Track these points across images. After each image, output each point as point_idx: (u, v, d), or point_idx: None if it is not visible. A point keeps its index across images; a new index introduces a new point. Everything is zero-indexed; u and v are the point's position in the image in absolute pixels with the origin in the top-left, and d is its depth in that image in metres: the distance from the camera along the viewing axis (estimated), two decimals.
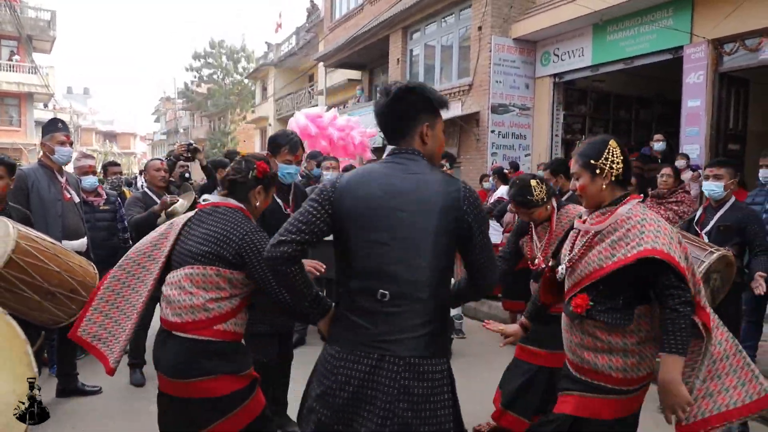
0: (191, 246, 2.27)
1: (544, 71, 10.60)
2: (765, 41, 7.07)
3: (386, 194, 1.74)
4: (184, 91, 38.76)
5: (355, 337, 1.73)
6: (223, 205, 2.34)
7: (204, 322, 2.18)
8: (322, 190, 1.80)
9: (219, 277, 2.21)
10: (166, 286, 2.30)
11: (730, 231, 3.69)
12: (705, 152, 7.73)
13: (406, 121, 1.85)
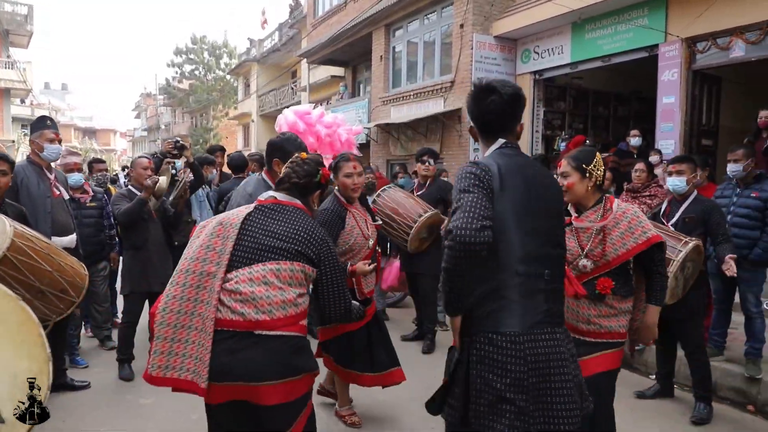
0: (269, 241, 2.15)
1: (525, 68, 10.77)
2: (735, 40, 7.30)
3: (529, 183, 1.94)
4: (165, 87, 38.39)
5: (532, 318, 1.84)
6: (290, 204, 2.29)
7: (294, 318, 2.12)
8: (480, 178, 1.84)
9: (302, 274, 2.16)
10: (241, 283, 2.08)
11: (695, 222, 3.86)
12: (679, 147, 7.96)
13: (515, 119, 2.07)
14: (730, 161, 4.37)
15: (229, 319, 2.05)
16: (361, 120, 14.17)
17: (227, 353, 2.03)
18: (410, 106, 12.49)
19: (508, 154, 1.98)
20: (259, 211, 2.25)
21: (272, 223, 2.21)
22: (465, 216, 1.72)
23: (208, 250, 2.16)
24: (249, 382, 2.02)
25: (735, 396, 4.23)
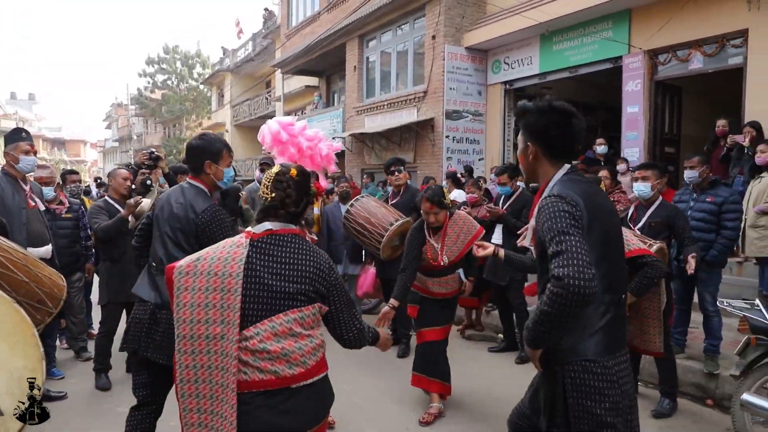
0: (283, 286, 1.91)
1: (496, 79, 11.04)
2: (694, 52, 7.65)
3: (602, 211, 1.91)
4: (137, 97, 37.97)
5: (614, 342, 1.89)
6: (287, 232, 2.02)
7: (323, 359, 2.01)
8: (575, 216, 1.78)
9: (317, 314, 2.00)
10: (267, 341, 1.87)
11: (660, 226, 4.07)
12: (644, 155, 8.27)
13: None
14: (686, 168, 4.60)
15: (258, 379, 1.86)
16: (336, 129, 14.31)
17: (263, 413, 1.86)
18: (384, 116, 12.66)
19: (577, 180, 1.96)
20: (258, 250, 1.95)
21: (277, 264, 1.94)
22: (575, 264, 1.65)
23: (207, 309, 1.88)
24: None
25: (695, 391, 4.43)
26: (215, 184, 2.85)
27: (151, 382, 2.73)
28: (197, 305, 1.88)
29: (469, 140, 11.19)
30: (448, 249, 4.01)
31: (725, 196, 4.45)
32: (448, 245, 4.02)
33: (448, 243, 4.03)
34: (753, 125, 6.41)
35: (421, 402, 4.17)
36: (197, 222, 2.67)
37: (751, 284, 5.97)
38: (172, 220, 2.72)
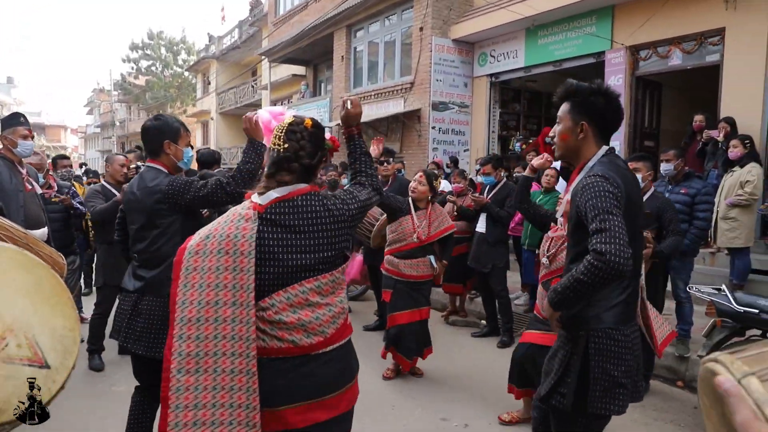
0: (298, 260, 1.83)
1: (482, 71, 11.21)
2: (673, 49, 7.88)
3: (632, 189, 2.06)
4: (120, 82, 37.52)
5: (630, 312, 2.10)
6: (297, 194, 1.87)
7: (344, 325, 1.96)
8: (617, 197, 1.91)
9: (339, 278, 1.95)
10: (282, 313, 1.81)
11: (650, 217, 4.24)
12: (624, 149, 8.50)
13: None
14: (662, 161, 4.82)
15: (277, 347, 1.81)
16: (323, 119, 14.37)
17: (282, 376, 1.82)
18: (371, 106, 12.76)
19: (616, 162, 2.10)
20: (268, 223, 1.82)
21: (291, 235, 1.83)
22: (616, 242, 1.79)
23: (218, 289, 1.77)
24: (318, 398, 1.84)
25: (666, 373, 4.67)
26: (176, 165, 2.79)
27: (145, 369, 2.75)
28: (207, 285, 1.76)
29: (454, 131, 11.36)
30: (425, 228, 4.44)
31: (698, 188, 4.66)
32: (433, 224, 4.49)
33: (432, 222, 4.49)
34: (727, 121, 6.66)
35: (404, 382, 4.36)
36: (165, 197, 2.59)
37: (723, 273, 6.25)
38: (139, 207, 2.68)
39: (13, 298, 1.53)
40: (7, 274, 1.56)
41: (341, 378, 1.91)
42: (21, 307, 1.52)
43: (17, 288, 1.56)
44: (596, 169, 2.02)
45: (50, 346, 1.48)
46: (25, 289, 1.57)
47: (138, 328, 2.65)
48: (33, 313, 1.53)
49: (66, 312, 1.56)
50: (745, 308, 3.45)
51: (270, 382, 1.81)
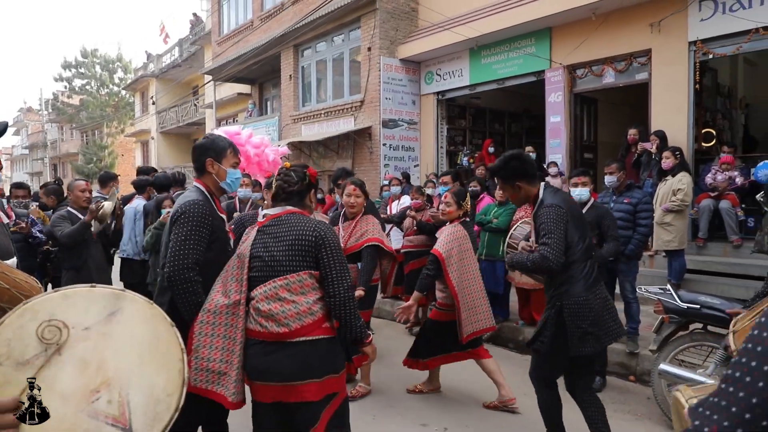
0: (272, 260, 2.36)
1: (428, 89, 11.61)
2: (607, 68, 8.50)
3: (575, 207, 3.18)
4: (53, 102, 35.97)
5: (589, 283, 3.03)
6: (282, 213, 2.47)
7: (311, 326, 2.33)
8: (563, 216, 2.96)
9: (311, 279, 2.38)
10: (260, 302, 2.33)
11: (591, 226, 4.60)
12: (566, 161, 9.05)
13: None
14: (606, 174, 5.23)
15: (257, 330, 2.34)
16: (272, 138, 14.40)
17: (260, 356, 2.33)
18: (321, 124, 12.94)
19: (555, 190, 3.14)
20: (260, 233, 2.44)
21: (271, 241, 2.39)
22: (554, 252, 2.89)
23: (232, 281, 2.43)
24: (281, 382, 2.30)
25: (619, 369, 5.06)
26: (218, 185, 2.74)
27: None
28: (227, 279, 2.47)
29: (404, 147, 11.69)
30: (348, 239, 4.30)
31: (639, 197, 5.10)
32: (354, 236, 4.31)
33: (354, 234, 4.32)
34: (657, 134, 7.27)
35: (382, 393, 4.53)
36: (172, 219, 2.60)
37: (662, 274, 6.77)
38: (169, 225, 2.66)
39: (124, 351, 1.48)
40: (127, 325, 1.52)
41: (300, 371, 2.30)
42: (128, 360, 1.46)
43: (132, 340, 1.50)
44: (547, 200, 3.04)
45: (141, 409, 1.40)
46: (138, 342, 1.51)
47: None
48: (138, 367, 1.47)
49: (171, 374, 1.48)
50: (688, 304, 3.83)
51: (252, 360, 2.34)
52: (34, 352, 1.43)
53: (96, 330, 1.50)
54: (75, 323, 1.48)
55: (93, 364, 1.44)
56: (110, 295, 1.58)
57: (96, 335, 1.49)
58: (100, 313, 1.53)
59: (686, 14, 7.38)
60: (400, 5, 11.49)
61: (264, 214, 2.51)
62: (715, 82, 9.72)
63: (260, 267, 2.38)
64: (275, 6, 14.37)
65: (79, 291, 1.57)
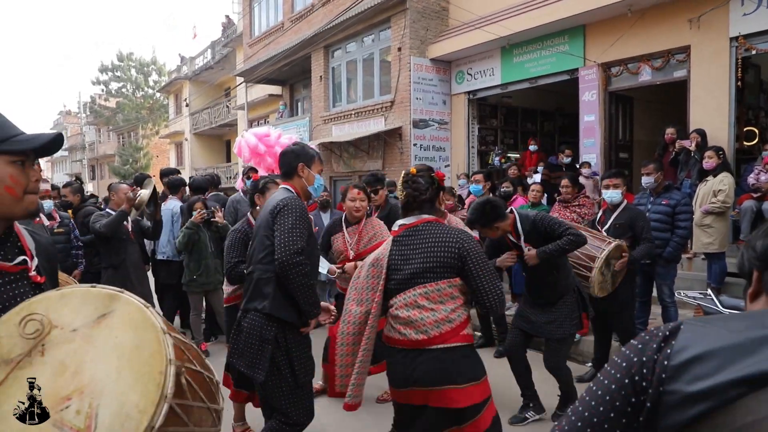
0: (411, 269, 2.43)
1: (459, 89, 11.53)
2: (643, 66, 8.29)
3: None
4: (90, 105, 37.01)
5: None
6: (418, 223, 2.51)
7: (449, 333, 2.40)
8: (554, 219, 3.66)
9: (451, 288, 2.42)
10: (399, 309, 2.45)
11: (624, 228, 4.53)
12: (600, 161, 8.87)
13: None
14: (643, 174, 5.11)
15: (397, 338, 2.46)
16: (303, 138, 14.51)
17: (401, 363, 2.46)
18: (351, 125, 12.97)
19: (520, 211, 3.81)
20: (396, 243, 2.53)
21: (409, 251, 2.47)
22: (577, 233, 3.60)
23: (367, 291, 2.57)
24: (423, 387, 2.40)
25: None
26: (306, 189, 2.90)
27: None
28: (363, 288, 2.60)
29: (435, 148, 11.63)
30: (355, 245, 4.17)
31: (678, 198, 4.97)
32: (363, 239, 4.18)
33: (362, 237, 4.19)
34: (698, 132, 7.05)
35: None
36: (273, 213, 2.71)
37: (700, 278, 6.58)
38: (264, 221, 2.78)
39: (105, 357, 1.36)
40: (114, 330, 1.40)
41: (438, 375, 2.39)
42: (106, 368, 1.34)
43: (115, 346, 1.38)
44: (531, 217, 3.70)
45: (108, 425, 1.27)
46: (120, 349, 1.38)
47: (240, 344, 2.77)
48: (114, 377, 1.34)
49: (148, 388, 1.32)
50: (729, 310, 3.72)
51: (394, 367, 2.50)
52: (20, 351, 1.35)
53: (82, 332, 1.38)
54: (64, 323, 1.39)
55: (71, 369, 1.33)
56: (105, 297, 1.45)
57: (80, 338, 1.37)
58: (91, 315, 1.41)
59: (727, 9, 7.15)
60: (431, 5, 11.44)
61: (400, 224, 2.55)
62: (758, 79, 9.38)
63: (398, 278, 2.47)
64: (305, 7, 14.47)
65: (76, 291, 1.46)
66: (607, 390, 0.87)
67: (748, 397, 0.72)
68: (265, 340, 2.66)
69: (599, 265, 3.82)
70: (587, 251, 3.82)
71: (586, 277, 3.83)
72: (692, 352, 0.79)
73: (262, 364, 2.66)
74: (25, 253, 1.56)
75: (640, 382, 0.83)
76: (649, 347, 0.84)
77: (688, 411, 0.76)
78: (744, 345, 0.76)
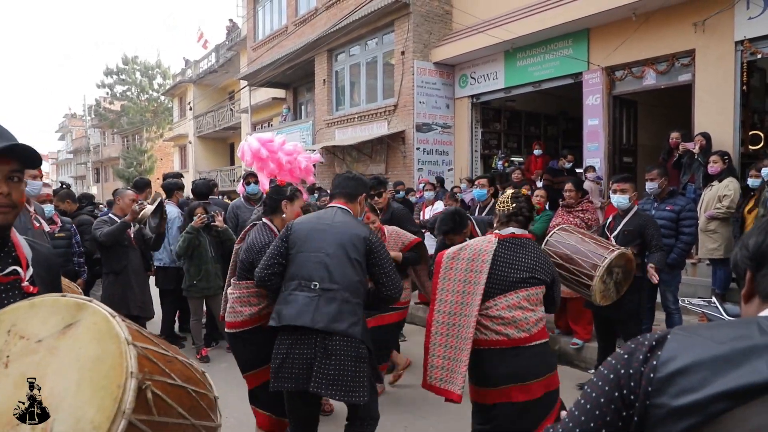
0: (519, 274, 2.75)
1: (463, 93, 11.50)
2: (647, 70, 8.25)
3: None
4: (95, 108, 37.13)
5: None
6: (524, 236, 2.87)
7: (544, 328, 2.77)
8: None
9: (540, 294, 2.81)
10: (502, 310, 2.70)
11: (633, 234, 4.40)
12: (604, 165, 8.82)
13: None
14: (647, 180, 5.05)
15: (494, 339, 2.69)
16: (306, 142, 14.51)
17: (496, 366, 2.69)
18: (355, 128, 12.95)
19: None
20: (504, 246, 2.80)
21: (516, 257, 2.78)
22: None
23: (465, 283, 2.77)
24: (522, 382, 2.64)
25: None
26: (357, 218, 3.09)
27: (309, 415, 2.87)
28: (459, 281, 2.78)
29: (438, 152, 11.60)
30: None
31: (682, 204, 4.91)
32: (389, 243, 4.22)
33: (387, 240, 4.23)
34: (703, 135, 6.99)
35: (415, 402, 4.47)
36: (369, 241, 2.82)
37: (705, 283, 6.52)
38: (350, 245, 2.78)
39: (66, 370, 1.31)
40: (78, 340, 1.35)
41: (541, 368, 2.69)
42: (65, 381, 1.29)
43: (77, 357, 1.33)
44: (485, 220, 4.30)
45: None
46: (82, 362, 1.32)
47: (331, 371, 2.60)
48: (73, 391, 1.29)
49: (105, 403, 1.26)
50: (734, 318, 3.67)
51: (488, 366, 2.70)
52: None
53: (47, 343, 1.33)
54: (30, 334, 1.34)
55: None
56: (73, 306, 1.39)
57: (44, 349, 1.32)
58: (57, 325, 1.36)
59: (732, 13, 7.10)
60: (434, 8, 11.42)
61: (510, 231, 2.85)
62: (763, 83, 9.34)
63: (502, 279, 2.74)
64: (309, 11, 14.48)
65: (46, 300, 1.41)
66: (596, 404, 0.85)
67: (735, 410, 0.71)
68: (361, 360, 2.67)
69: (600, 273, 3.73)
70: (589, 259, 3.73)
71: (587, 285, 3.73)
72: (678, 364, 0.77)
73: (362, 385, 2.66)
74: (19, 263, 1.54)
75: (628, 396, 0.81)
76: (635, 358, 0.82)
77: (675, 425, 0.75)
78: (729, 356, 0.74)
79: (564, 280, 3.76)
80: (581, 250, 3.77)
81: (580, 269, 3.75)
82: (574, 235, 3.93)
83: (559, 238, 3.93)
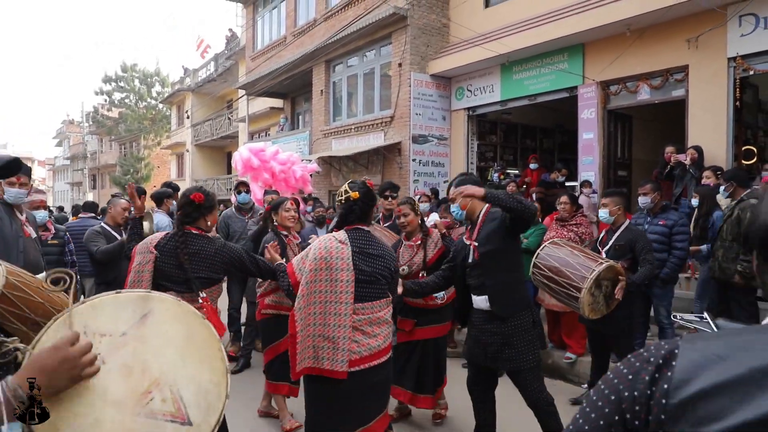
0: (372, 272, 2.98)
1: (459, 105, 11.55)
2: (642, 84, 8.31)
3: None
4: (93, 115, 37.16)
5: None
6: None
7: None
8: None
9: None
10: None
11: (624, 248, 4.41)
12: (599, 178, 8.86)
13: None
14: (640, 194, 5.08)
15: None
16: (303, 152, 14.54)
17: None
18: (351, 139, 12.99)
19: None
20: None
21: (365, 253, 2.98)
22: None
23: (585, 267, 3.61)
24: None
25: None
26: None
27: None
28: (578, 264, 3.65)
29: (434, 163, 11.63)
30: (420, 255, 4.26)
31: (675, 219, 4.94)
32: (428, 249, 4.30)
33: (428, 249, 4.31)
34: (695, 148, 7.02)
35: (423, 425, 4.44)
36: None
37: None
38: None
39: (163, 350, 1.52)
40: (161, 326, 1.56)
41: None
42: (169, 359, 1.51)
43: (168, 339, 1.55)
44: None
45: (194, 402, 1.45)
46: (175, 340, 1.55)
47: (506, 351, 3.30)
48: (181, 365, 1.51)
49: (214, 365, 1.53)
50: None
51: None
52: None
53: (132, 334, 1.52)
54: (110, 331, 1.50)
55: (137, 368, 1.48)
56: (137, 299, 1.58)
57: (133, 339, 1.51)
58: (133, 318, 1.54)
59: (725, 29, 7.17)
60: (431, 21, 11.50)
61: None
62: (756, 99, 9.41)
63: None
64: (308, 22, 14.57)
65: (104, 299, 1.57)
66: (595, 426, 0.77)
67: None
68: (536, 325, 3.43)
69: (588, 285, 3.72)
70: (578, 271, 3.74)
71: (576, 297, 3.73)
72: (696, 387, 0.68)
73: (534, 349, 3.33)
74: None
75: (632, 421, 0.73)
76: (640, 379, 0.74)
77: None
78: (752, 378, 0.66)
79: (553, 292, 3.75)
80: (570, 263, 3.77)
81: (568, 281, 3.75)
82: (564, 248, 3.94)
83: (549, 251, 3.94)
